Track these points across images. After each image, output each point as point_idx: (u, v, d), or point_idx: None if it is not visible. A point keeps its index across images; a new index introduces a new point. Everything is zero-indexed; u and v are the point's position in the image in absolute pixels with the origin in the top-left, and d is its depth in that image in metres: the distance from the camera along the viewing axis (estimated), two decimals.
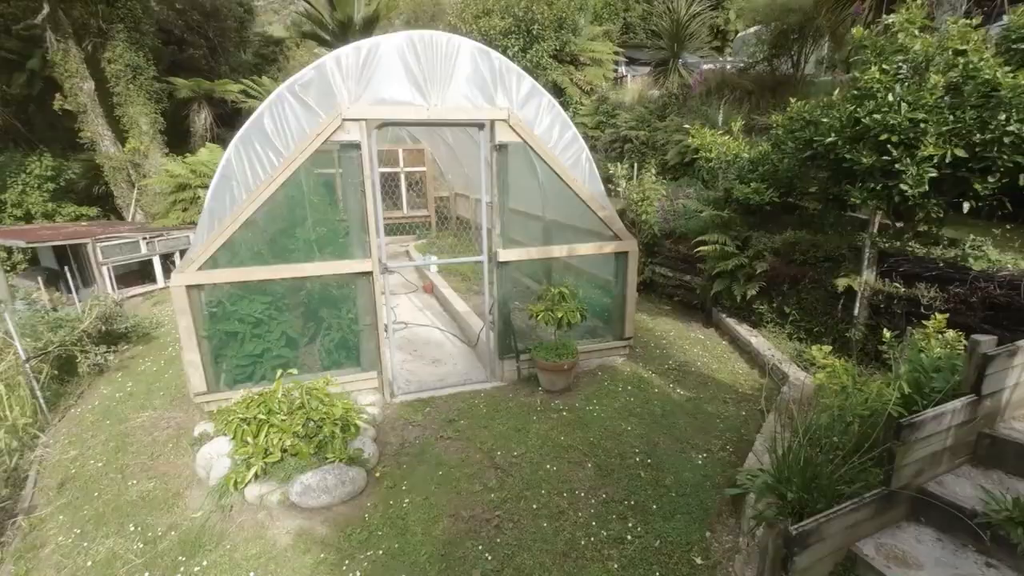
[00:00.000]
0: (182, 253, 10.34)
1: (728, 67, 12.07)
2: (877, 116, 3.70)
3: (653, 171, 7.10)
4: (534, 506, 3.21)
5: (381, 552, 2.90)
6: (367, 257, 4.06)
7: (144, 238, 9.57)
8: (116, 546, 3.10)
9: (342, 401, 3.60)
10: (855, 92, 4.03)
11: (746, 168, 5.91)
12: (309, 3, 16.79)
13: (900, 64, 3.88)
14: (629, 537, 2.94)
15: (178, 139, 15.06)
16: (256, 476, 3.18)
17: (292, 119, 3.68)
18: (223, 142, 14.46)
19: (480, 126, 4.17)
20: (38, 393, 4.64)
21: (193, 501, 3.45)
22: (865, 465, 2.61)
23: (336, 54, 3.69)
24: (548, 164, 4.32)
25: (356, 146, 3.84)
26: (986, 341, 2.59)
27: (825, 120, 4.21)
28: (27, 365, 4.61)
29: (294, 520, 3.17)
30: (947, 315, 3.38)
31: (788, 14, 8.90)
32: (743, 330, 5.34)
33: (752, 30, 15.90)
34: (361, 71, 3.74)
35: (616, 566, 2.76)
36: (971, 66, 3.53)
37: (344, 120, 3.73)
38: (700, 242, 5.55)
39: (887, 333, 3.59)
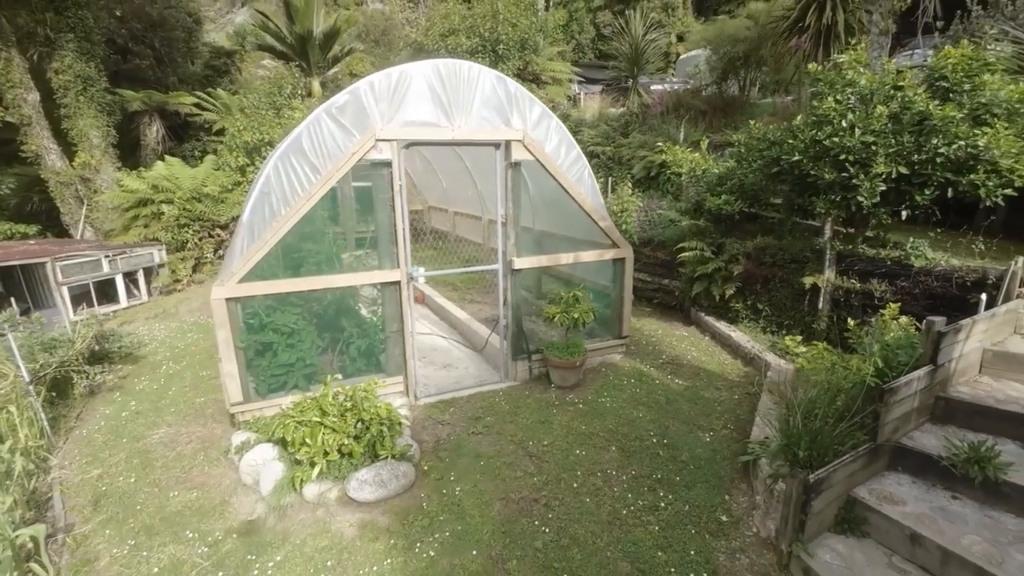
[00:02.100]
0: (146, 271, 9.98)
1: (679, 88, 13.11)
2: (836, 139, 4.41)
3: (629, 185, 7.72)
4: (574, 485, 3.58)
5: (447, 534, 3.17)
6: (396, 267, 4.32)
7: (107, 256, 9.19)
8: (177, 552, 3.18)
9: (384, 403, 3.82)
10: (814, 118, 4.75)
11: (714, 182, 6.62)
12: (266, 16, 16.56)
13: (850, 95, 4.63)
14: (662, 504, 3.37)
15: (126, 152, 14.40)
16: (317, 474, 3.36)
17: (328, 138, 3.91)
18: (180, 156, 13.99)
19: (497, 146, 4.56)
20: (42, 415, 4.52)
21: (243, 506, 3.56)
22: (851, 429, 3.18)
23: (370, 79, 3.97)
24: (557, 180, 4.76)
25: (387, 164, 4.12)
26: (939, 321, 3.25)
27: (791, 141, 4.90)
28: (31, 387, 4.50)
29: (354, 514, 3.37)
30: (899, 304, 4.09)
31: (736, 44, 9.91)
32: (722, 326, 5.97)
33: (693, 53, 17.27)
34: (392, 95, 4.04)
35: (656, 528, 3.18)
36: (907, 99, 4.30)
37: (377, 140, 4.01)
38: (681, 248, 6.16)
39: (851, 321, 4.25)
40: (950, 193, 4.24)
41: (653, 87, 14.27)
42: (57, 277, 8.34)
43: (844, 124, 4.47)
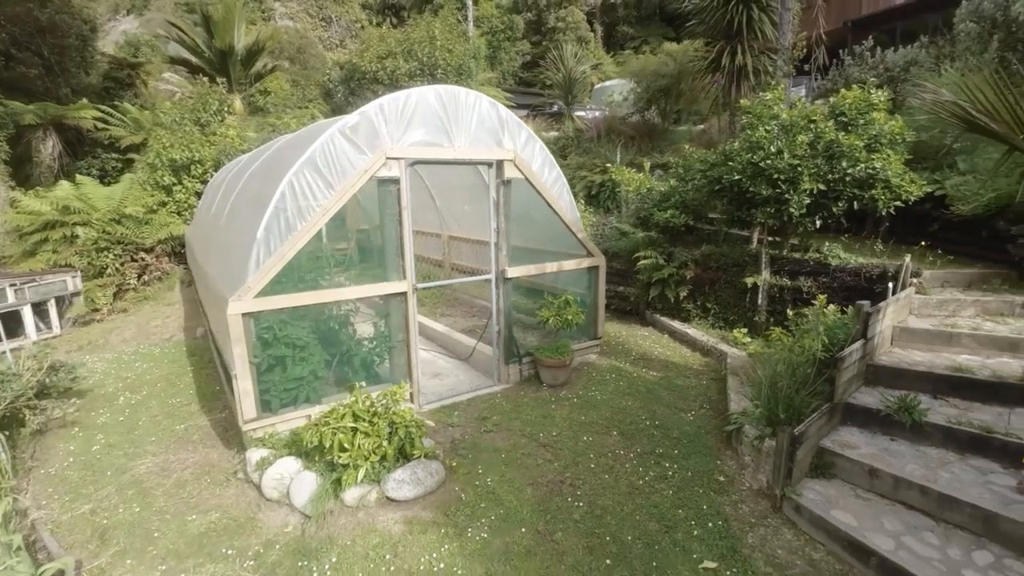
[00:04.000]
0: (59, 300, 9.01)
1: (597, 115, 14.34)
2: (769, 161, 5.34)
3: (583, 202, 8.42)
4: (591, 466, 3.99)
5: (492, 518, 3.42)
6: (403, 279, 4.53)
7: (12, 285, 8.25)
8: (219, 570, 3.14)
9: (406, 407, 4.00)
10: (748, 144, 5.68)
11: (659, 199, 7.49)
12: (181, 29, 15.65)
13: (774, 126, 5.62)
14: (669, 473, 3.89)
15: (13, 169, 12.80)
16: (363, 476, 3.47)
17: (342, 155, 4.09)
18: (74, 174, 12.68)
19: (490, 164, 4.95)
20: (3, 455, 4.10)
21: (273, 520, 3.55)
22: (811, 395, 3.91)
23: (379, 102, 4.21)
24: (543, 196, 5.25)
25: (395, 181, 4.35)
26: (866, 304, 4.13)
27: (731, 163, 5.80)
28: None
29: (395, 513, 3.51)
30: (825, 296, 5.01)
31: (659, 78, 11.17)
32: (677, 324, 6.75)
33: (609, 83, 18.86)
34: (400, 116, 4.30)
35: (670, 492, 3.68)
36: (820, 130, 5.34)
37: (388, 158, 4.25)
38: (639, 257, 6.90)
39: (790, 312, 5.12)
40: (856, 205, 5.31)
41: (577, 113, 15.44)
42: None
43: (773, 149, 5.42)
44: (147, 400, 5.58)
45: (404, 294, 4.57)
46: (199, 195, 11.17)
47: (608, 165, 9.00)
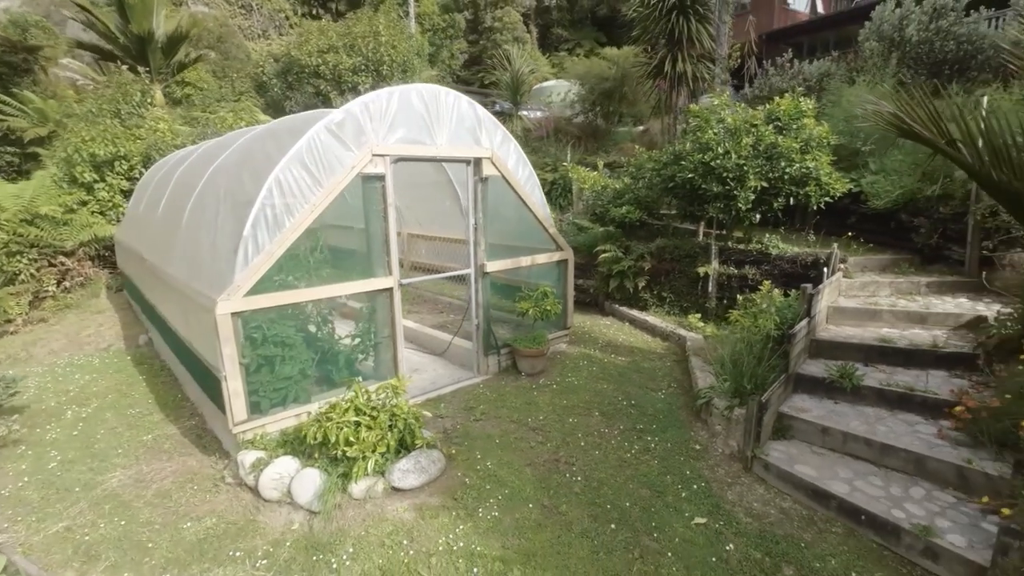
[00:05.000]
0: None
1: (547, 114, 14.78)
2: (719, 161, 5.89)
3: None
4: (581, 444, 4.27)
5: (499, 498, 3.60)
6: (389, 275, 4.57)
7: None
8: (227, 573, 3.09)
9: (403, 400, 4.07)
10: (699, 145, 6.22)
11: (612, 196, 7.95)
12: (89, 11, 14.23)
13: (720, 129, 6.20)
14: (652, 446, 4.25)
15: None
16: (373, 468, 3.51)
17: (328, 151, 4.07)
18: None
19: (468, 162, 5.09)
20: None
21: (275, 520, 3.52)
22: (767, 369, 4.43)
23: (364, 100, 4.24)
24: (517, 192, 5.46)
25: (381, 178, 4.39)
26: (810, 287, 4.71)
27: (683, 163, 6.32)
28: None
29: (403, 501, 3.59)
30: (769, 282, 5.63)
31: (603, 81, 11.72)
32: (636, 313, 7.22)
33: (546, 84, 19.39)
34: (384, 113, 4.35)
35: (656, 462, 4.03)
36: (760, 133, 5.96)
37: (374, 155, 4.28)
38: (601, 251, 7.29)
39: (740, 297, 5.69)
40: (792, 201, 5.98)
41: (521, 113, 15.80)
42: None
43: (721, 150, 5.98)
44: (99, 412, 5.19)
45: (390, 290, 4.61)
46: (125, 193, 10.33)
47: (565, 164, 9.36)
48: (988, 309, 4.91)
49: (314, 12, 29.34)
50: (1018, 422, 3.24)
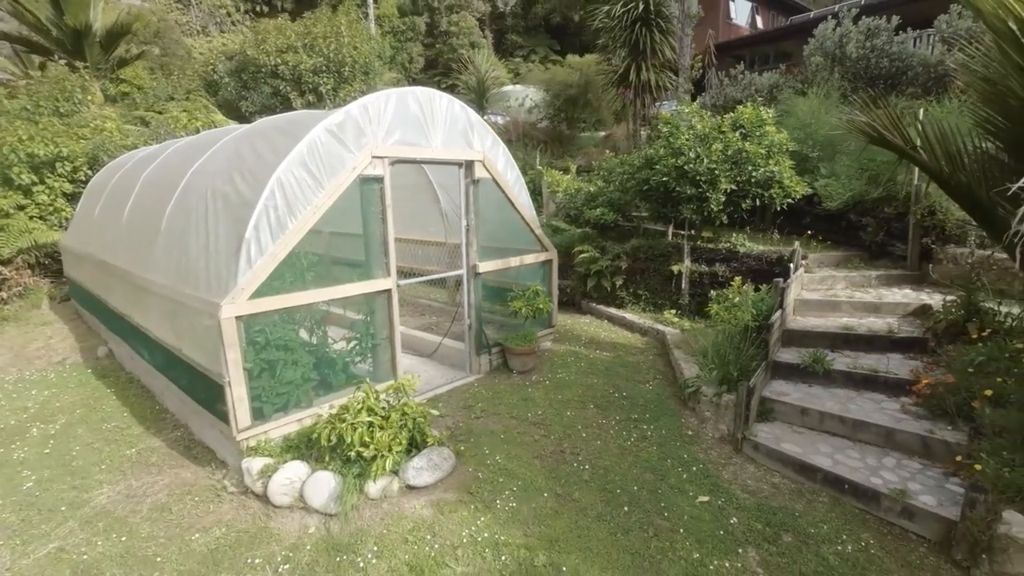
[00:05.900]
0: None
1: (507, 119, 14.99)
2: (692, 165, 6.26)
3: None
4: (583, 436, 4.44)
5: (513, 489, 3.71)
6: (387, 276, 4.58)
7: None
8: None
9: (411, 400, 4.10)
10: (672, 150, 6.58)
11: (586, 198, 8.23)
12: (16, 1, 13.12)
13: (691, 135, 6.58)
14: (649, 434, 4.48)
15: None
16: (391, 466, 3.53)
17: (329, 153, 4.05)
18: None
19: (460, 164, 5.18)
20: None
21: (289, 525, 3.47)
22: (748, 358, 4.78)
23: (363, 102, 4.24)
24: (506, 194, 5.59)
25: (379, 179, 4.41)
26: (780, 281, 5.11)
27: (657, 167, 6.66)
28: None
29: (418, 499, 3.63)
30: (739, 279, 6.03)
31: (567, 88, 12.06)
32: (613, 311, 7.51)
33: (505, 88, 19.63)
34: (382, 115, 4.37)
35: (655, 448, 4.26)
36: (728, 139, 6.38)
37: (373, 157, 4.29)
38: (579, 251, 7.53)
39: (713, 293, 6.07)
40: (758, 202, 6.44)
41: (487, 116, 15.95)
42: None
43: (693, 155, 6.36)
44: (70, 428, 4.88)
45: (388, 291, 4.62)
46: (68, 196, 9.65)
47: (539, 167, 9.57)
48: (930, 298, 5.50)
49: (258, 9, 28.39)
50: (972, 395, 3.70)
